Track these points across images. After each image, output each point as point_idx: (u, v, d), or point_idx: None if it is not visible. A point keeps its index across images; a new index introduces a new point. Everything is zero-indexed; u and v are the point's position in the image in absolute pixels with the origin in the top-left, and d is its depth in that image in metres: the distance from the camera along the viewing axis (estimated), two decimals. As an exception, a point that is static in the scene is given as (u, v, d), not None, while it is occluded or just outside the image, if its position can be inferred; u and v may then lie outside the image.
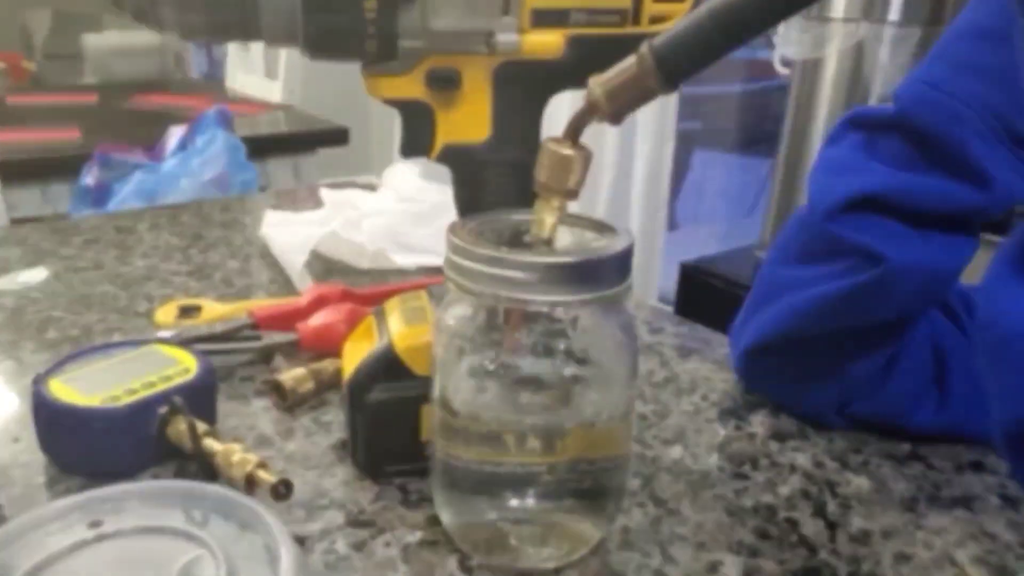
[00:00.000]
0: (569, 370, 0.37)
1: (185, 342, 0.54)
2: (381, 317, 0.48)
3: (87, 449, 0.45)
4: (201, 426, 0.45)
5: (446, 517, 0.42)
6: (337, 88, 2.52)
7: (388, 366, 0.45)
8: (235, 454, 0.43)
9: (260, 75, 2.21)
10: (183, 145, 1.68)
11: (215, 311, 0.63)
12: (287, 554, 0.37)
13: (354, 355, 0.47)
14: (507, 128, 0.43)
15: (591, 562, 0.41)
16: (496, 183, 0.44)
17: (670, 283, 1.95)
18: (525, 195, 0.39)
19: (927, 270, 0.45)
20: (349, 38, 0.40)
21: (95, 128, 1.80)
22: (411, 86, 0.42)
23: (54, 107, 2.05)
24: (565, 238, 0.39)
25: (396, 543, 0.42)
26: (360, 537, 0.42)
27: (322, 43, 0.40)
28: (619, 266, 0.36)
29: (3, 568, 0.36)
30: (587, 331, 0.37)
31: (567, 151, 0.36)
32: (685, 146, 2.71)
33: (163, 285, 0.71)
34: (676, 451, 0.50)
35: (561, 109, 0.45)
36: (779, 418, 0.54)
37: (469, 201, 0.44)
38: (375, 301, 0.56)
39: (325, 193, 0.79)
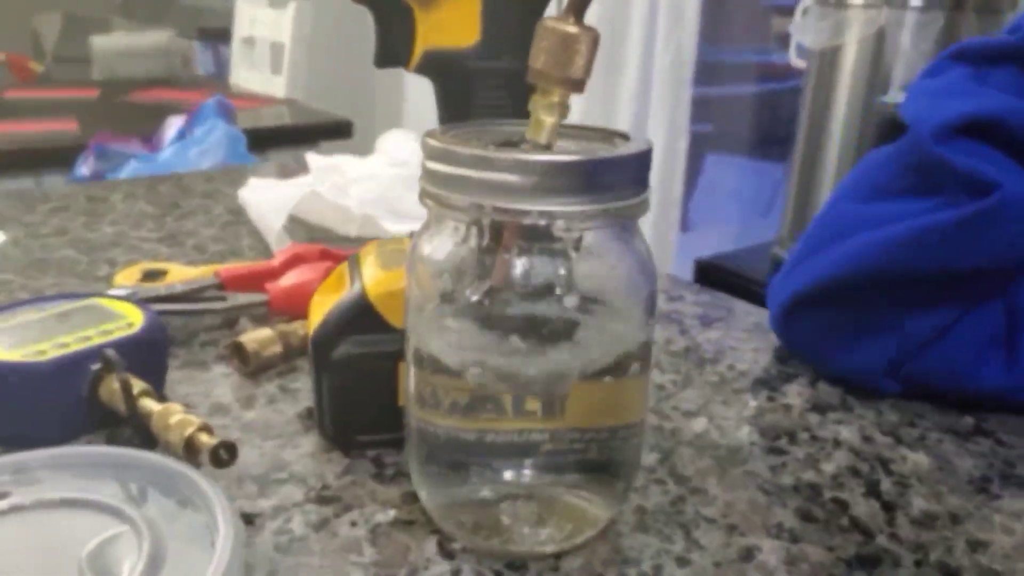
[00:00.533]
0: (571, 301, 0.30)
1: (139, 302, 0.47)
2: (355, 264, 0.42)
3: (4, 412, 0.38)
4: (138, 384, 0.38)
5: (425, 493, 0.35)
6: (341, 83, 2.48)
7: (359, 316, 0.38)
8: (174, 415, 0.36)
9: (264, 72, 2.17)
10: (181, 135, 1.63)
11: (182, 275, 0.56)
12: (225, 534, 0.31)
13: (322, 308, 0.41)
14: (501, 30, 0.36)
15: (599, 547, 0.34)
16: (487, 97, 0.37)
17: (684, 283, 1.86)
18: (522, 112, 0.32)
19: None
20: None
21: (94, 121, 1.74)
22: (385, -23, 0.35)
23: (53, 101, 2.00)
24: (568, 147, 0.32)
25: (364, 522, 0.35)
26: (321, 515, 0.35)
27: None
28: (634, 172, 0.29)
29: None
30: (593, 256, 0.30)
31: (570, 28, 0.29)
32: (697, 149, 2.65)
33: (130, 251, 0.64)
34: (699, 423, 0.43)
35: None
36: (817, 389, 0.47)
37: (454, 120, 0.37)
38: (356, 258, 0.50)
39: (311, 158, 0.73)
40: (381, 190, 0.68)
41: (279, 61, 2.06)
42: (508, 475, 0.34)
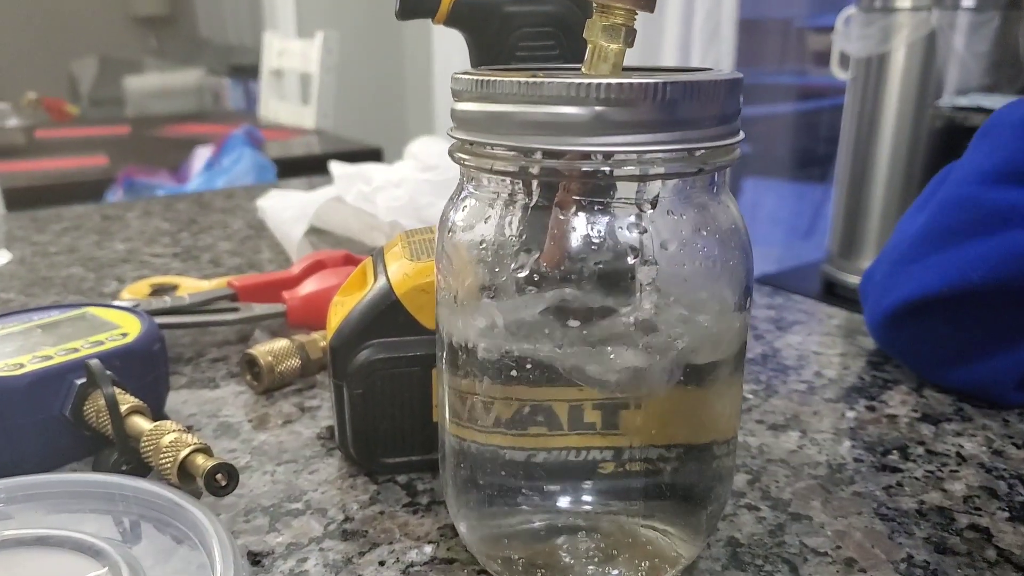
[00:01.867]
0: (646, 275, 0.23)
1: (138, 311, 0.42)
2: (379, 258, 0.36)
3: (-24, 434, 0.33)
4: (127, 400, 0.33)
5: (465, 526, 0.28)
6: (371, 111, 2.46)
7: (384, 316, 0.33)
8: (167, 435, 0.30)
9: (294, 102, 2.15)
10: (210, 166, 1.61)
11: (193, 288, 0.51)
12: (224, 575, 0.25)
13: (343, 310, 0.35)
14: (544, -31, 0.31)
15: (684, 589, 0.27)
16: (532, 48, 0.31)
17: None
18: (575, 60, 0.26)
19: None
20: None
21: (124, 156, 1.73)
22: (408, -92, 0.30)
23: (85, 139, 2.00)
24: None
25: (394, 562, 0.28)
26: (343, 553, 0.29)
27: None
28: (724, 105, 0.23)
29: None
30: (674, 217, 0.24)
31: (636, -73, 0.23)
32: (735, 172, 2.59)
33: (140, 267, 0.60)
34: (791, 439, 0.36)
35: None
36: (924, 396, 0.40)
37: (493, 77, 0.32)
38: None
39: (335, 166, 0.68)
40: (409, 197, 0.63)
41: (308, 91, 2.05)
42: (564, 503, 0.28)
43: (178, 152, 1.69)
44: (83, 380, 0.33)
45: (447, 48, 2.34)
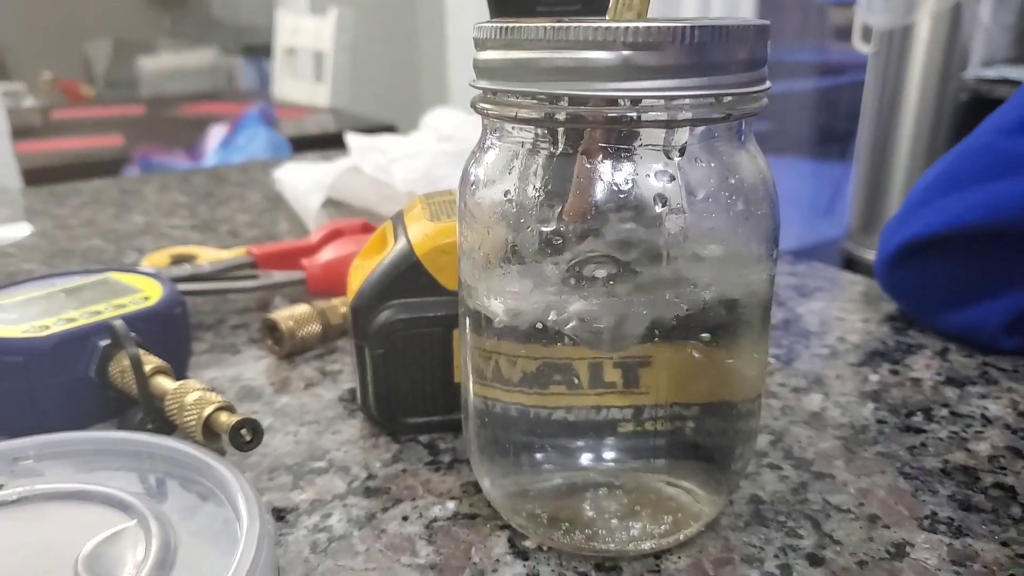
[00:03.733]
0: (675, 224, 0.23)
1: (159, 276, 0.42)
2: (399, 221, 0.36)
3: (3, 395, 0.33)
4: (151, 361, 0.33)
5: (488, 482, 0.29)
6: (386, 89, 2.46)
7: (405, 277, 0.33)
8: (191, 393, 0.30)
9: (307, 81, 2.15)
10: (225, 144, 1.61)
11: (212, 257, 0.51)
12: (250, 530, 0.25)
13: (363, 273, 0.35)
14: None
15: (708, 544, 0.27)
16: (549, 3, 0.31)
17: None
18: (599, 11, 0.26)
19: None
20: None
21: (140, 135, 1.74)
22: None
23: (101, 120, 2.01)
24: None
25: (417, 517, 0.28)
26: (367, 510, 0.29)
27: None
28: (753, 50, 0.23)
29: None
30: (701, 166, 0.23)
31: None
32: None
33: (159, 239, 0.60)
34: (814, 400, 0.36)
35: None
36: (948, 360, 0.39)
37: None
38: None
39: (351, 138, 0.68)
40: (426, 168, 0.63)
41: (322, 70, 2.04)
42: (587, 460, 0.28)
43: (193, 131, 1.69)
44: (107, 342, 0.33)
45: (461, 25, 2.33)
